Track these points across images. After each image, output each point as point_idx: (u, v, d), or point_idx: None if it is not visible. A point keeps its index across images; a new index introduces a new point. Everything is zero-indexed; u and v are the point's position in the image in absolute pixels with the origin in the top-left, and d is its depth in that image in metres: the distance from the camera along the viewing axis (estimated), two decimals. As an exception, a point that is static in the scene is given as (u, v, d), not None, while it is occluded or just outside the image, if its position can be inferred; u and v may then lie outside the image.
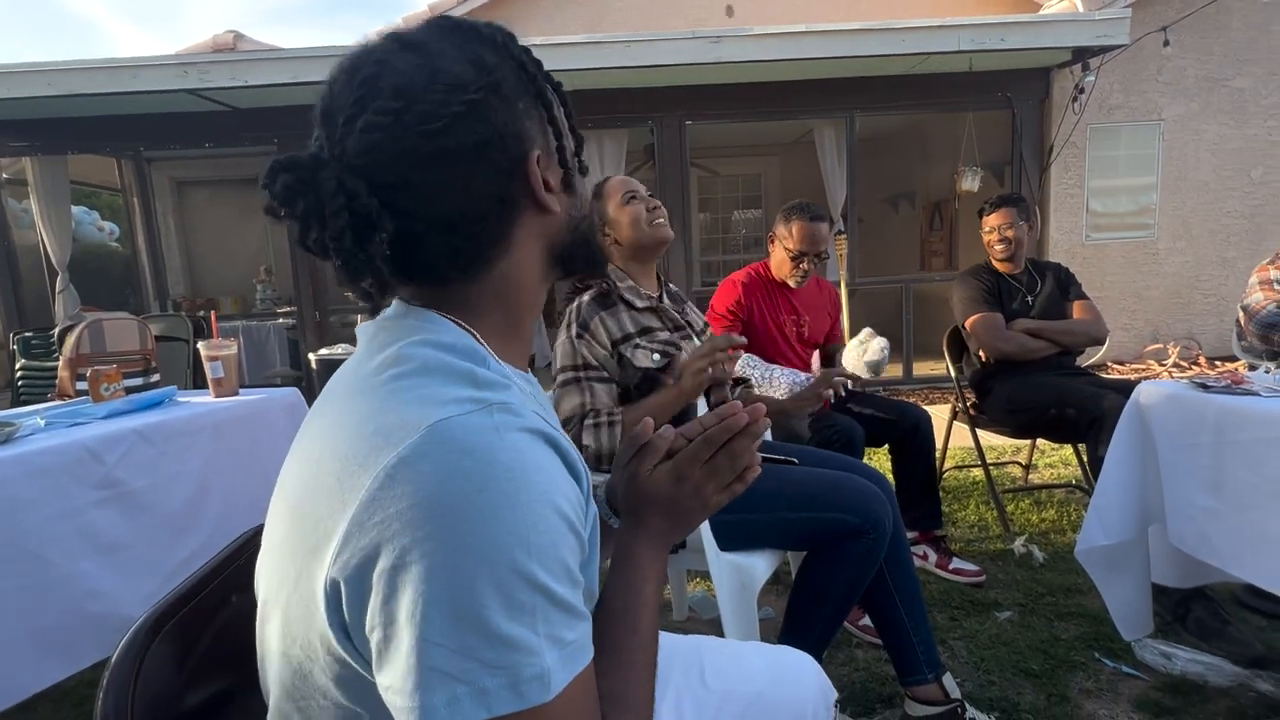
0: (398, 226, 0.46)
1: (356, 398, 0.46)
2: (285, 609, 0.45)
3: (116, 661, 0.49)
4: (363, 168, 0.46)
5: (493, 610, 0.38)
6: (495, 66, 0.49)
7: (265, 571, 0.49)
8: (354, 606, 0.40)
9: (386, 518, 0.39)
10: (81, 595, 1.21)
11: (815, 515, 1.24)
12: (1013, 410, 2.17)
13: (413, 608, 0.38)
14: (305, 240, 0.46)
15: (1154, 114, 4.99)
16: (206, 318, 2.35)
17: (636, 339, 1.35)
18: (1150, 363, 4.99)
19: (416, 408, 0.43)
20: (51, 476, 1.20)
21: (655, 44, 4.18)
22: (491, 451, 0.41)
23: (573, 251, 0.56)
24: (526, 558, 0.39)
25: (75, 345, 1.77)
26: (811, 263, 2.01)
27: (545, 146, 0.52)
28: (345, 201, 0.45)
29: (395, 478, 0.40)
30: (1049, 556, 2.02)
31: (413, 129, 0.46)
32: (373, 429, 0.42)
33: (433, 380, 0.45)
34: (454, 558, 0.38)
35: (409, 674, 0.38)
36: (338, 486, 0.42)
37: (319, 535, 0.42)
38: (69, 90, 4.07)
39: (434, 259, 0.49)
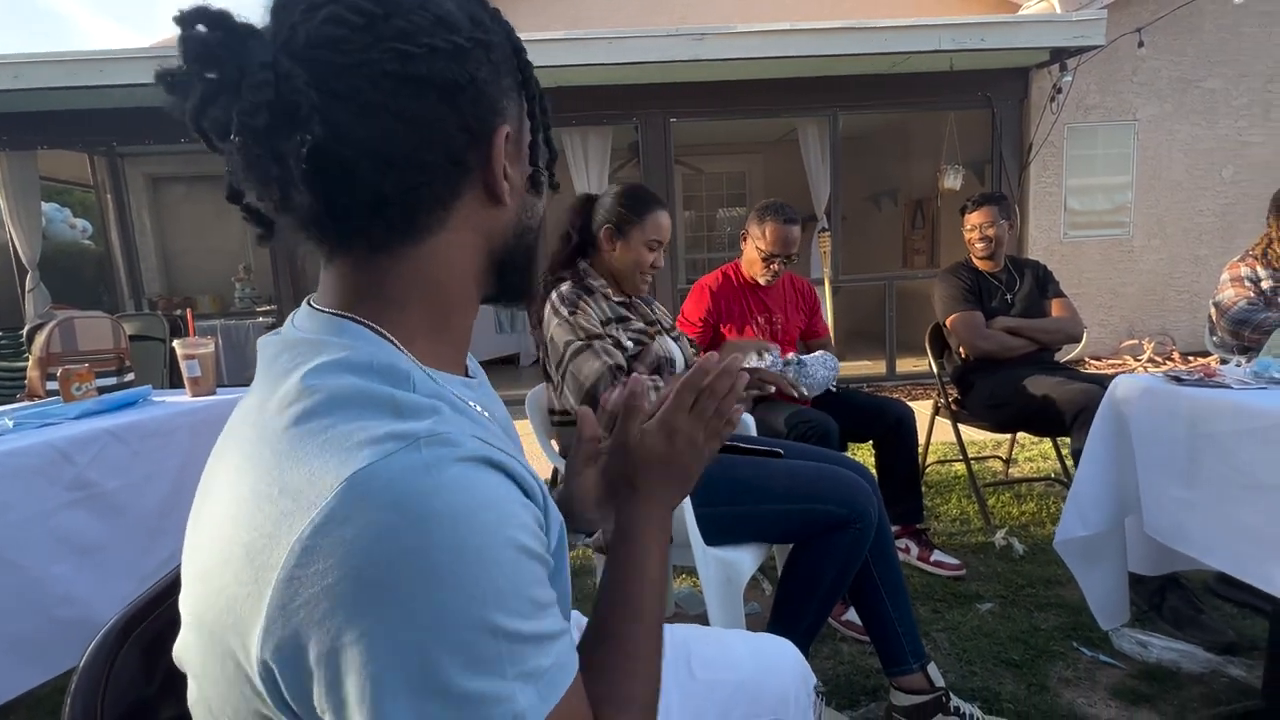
0: (325, 140, 0.38)
1: (257, 445, 0.39)
2: (211, 685, 0.40)
3: (85, 666, 0.48)
4: (309, 60, 0.38)
5: (452, 674, 0.34)
6: (491, 30, 0.45)
7: (186, 636, 0.43)
8: (295, 690, 0.35)
9: (310, 598, 0.33)
10: (54, 600, 1.18)
11: (802, 507, 1.25)
12: (994, 405, 2.20)
13: (361, 693, 0.33)
14: (200, 117, 0.38)
15: (1129, 114, 5.08)
16: (183, 316, 2.30)
17: (615, 325, 1.39)
18: (1126, 358, 5.09)
19: (327, 456, 0.36)
20: (21, 478, 1.16)
21: (638, 40, 4.18)
22: (426, 500, 0.35)
23: (511, 262, 0.49)
24: (484, 610, 0.35)
25: (45, 344, 1.72)
26: (782, 263, 2.03)
27: (517, 132, 0.47)
28: (273, 79, 0.37)
29: (313, 550, 0.34)
30: (1029, 549, 2.05)
31: (385, 40, 0.39)
32: (279, 489, 0.36)
33: (345, 416, 0.38)
34: (398, 633, 0.33)
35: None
36: (248, 563, 0.36)
37: (236, 616, 0.36)
38: (38, 83, 3.96)
39: (357, 201, 0.41)
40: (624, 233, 1.43)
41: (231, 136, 0.38)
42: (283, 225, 0.44)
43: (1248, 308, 2.13)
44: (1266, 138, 5.14)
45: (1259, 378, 1.25)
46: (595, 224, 1.45)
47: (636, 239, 1.43)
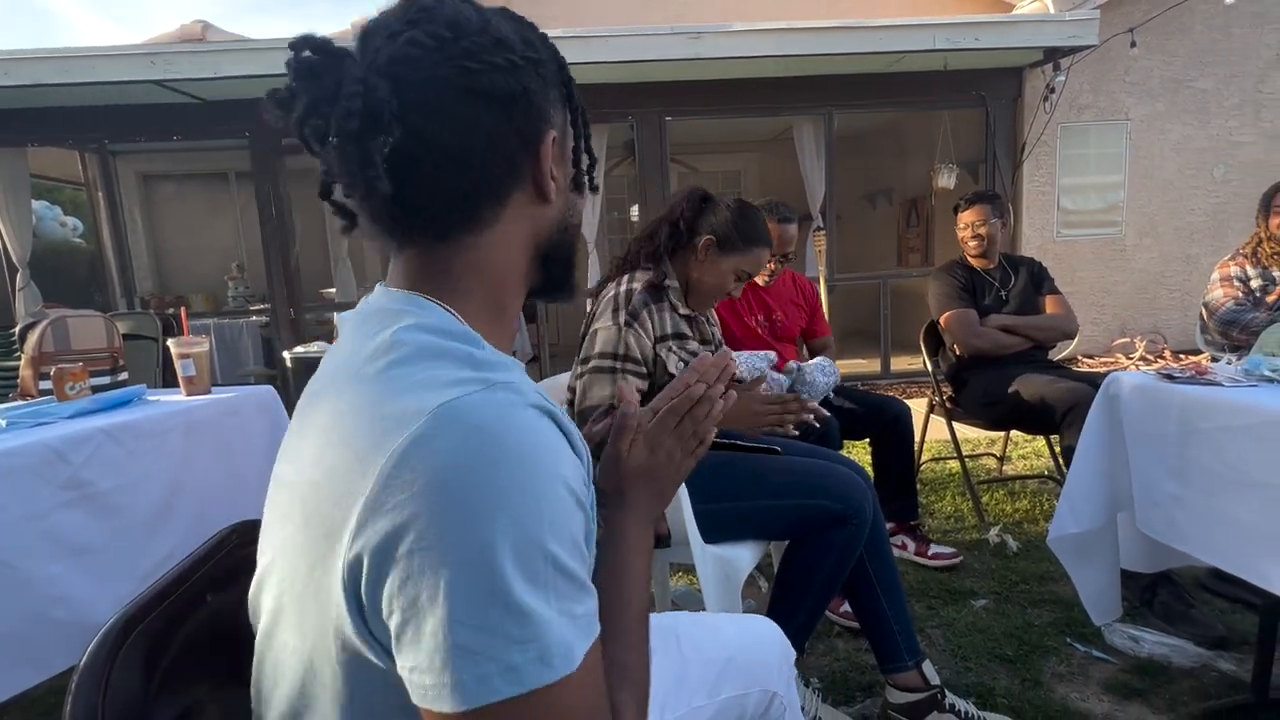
0: (402, 141, 0.46)
1: (355, 388, 0.45)
2: (299, 605, 0.45)
3: (85, 665, 0.48)
4: (390, 75, 0.46)
5: (514, 585, 0.39)
6: (540, 49, 0.52)
7: (275, 576, 0.47)
8: (372, 588, 0.40)
9: (401, 500, 0.39)
10: (49, 600, 1.18)
11: (799, 503, 1.26)
12: (988, 403, 2.21)
13: (435, 588, 0.38)
14: (304, 124, 0.46)
15: (1121, 114, 5.12)
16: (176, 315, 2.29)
17: (672, 342, 1.34)
18: (1118, 356, 5.13)
19: (421, 392, 0.43)
20: (14, 478, 1.16)
21: (635, 39, 4.17)
22: (501, 428, 0.41)
23: (554, 255, 0.56)
24: (540, 531, 0.40)
25: (38, 343, 1.71)
26: (779, 263, 2.02)
27: (562, 138, 0.54)
28: (363, 91, 0.45)
29: (408, 459, 0.40)
30: (1022, 545, 2.07)
31: (454, 59, 0.47)
32: (380, 415, 0.42)
33: (433, 364, 0.45)
34: (472, 535, 0.39)
35: (436, 652, 0.38)
36: (348, 474, 0.41)
37: (333, 523, 0.41)
38: (28, 80, 3.92)
39: (427, 192, 0.49)
40: (724, 251, 1.37)
41: (330, 139, 0.46)
42: (363, 217, 0.51)
43: (1235, 309, 2.15)
44: (1257, 137, 5.18)
45: (1249, 375, 1.27)
46: (700, 227, 1.38)
47: (733, 263, 1.37)
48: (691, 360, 1.36)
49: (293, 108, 0.46)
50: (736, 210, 1.41)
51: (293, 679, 0.46)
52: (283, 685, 0.47)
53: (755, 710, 0.75)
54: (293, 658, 0.46)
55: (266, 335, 5.17)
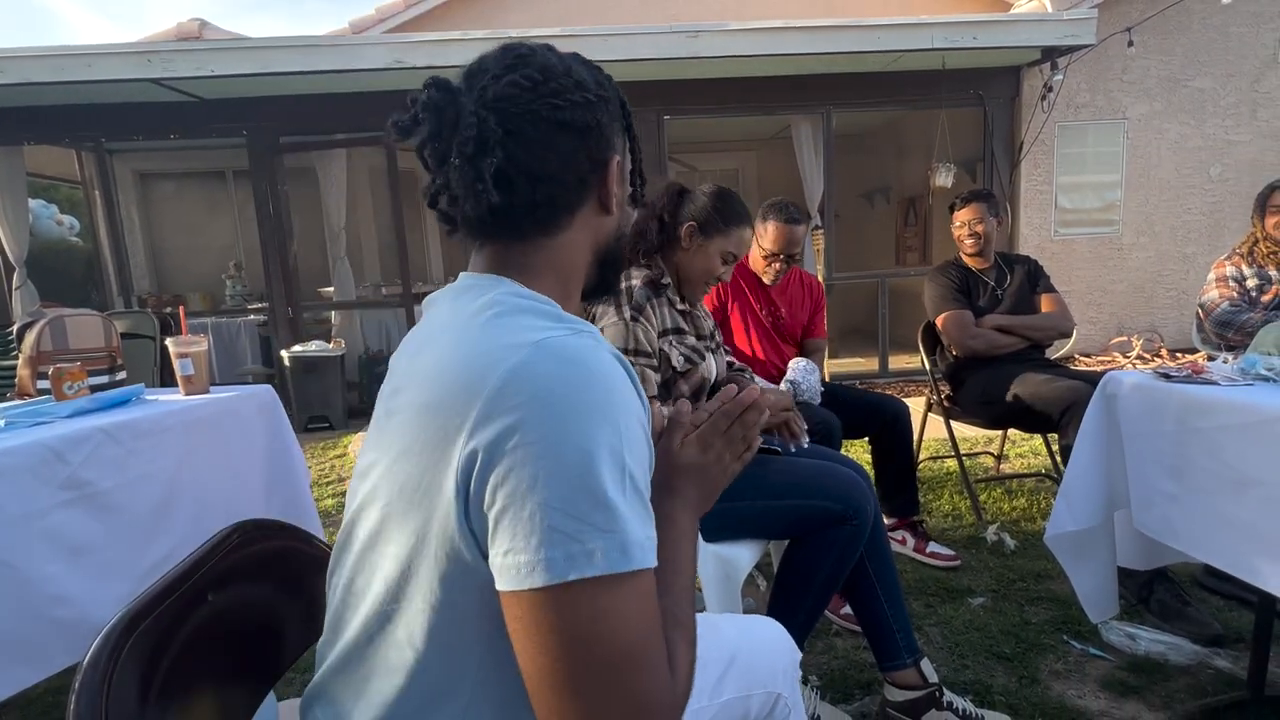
0: (503, 162, 0.56)
1: (461, 334, 0.54)
2: (406, 512, 0.50)
3: (88, 664, 0.48)
4: (497, 109, 0.56)
5: (599, 481, 0.45)
6: (609, 89, 0.63)
7: (380, 496, 0.53)
8: (481, 479, 0.46)
9: (508, 408, 0.46)
10: (49, 599, 1.17)
11: (800, 502, 1.26)
12: (985, 402, 2.22)
13: (534, 478, 0.44)
14: (425, 148, 0.58)
15: (1119, 113, 5.13)
16: (174, 314, 2.29)
17: (672, 336, 1.35)
18: (1115, 355, 5.14)
19: (523, 333, 0.51)
20: (13, 478, 1.16)
21: (632, 37, 4.17)
22: (591, 361, 0.49)
23: (609, 259, 0.66)
24: (621, 445, 0.47)
25: (36, 343, 1.70)
26: (784, 263, 2.02)
27: (623, 161, 0.64)
28: (477, 123, 0.56)
29: (516, 376, 0.47)
30: (1020, 544, 2.08)
31: (544, 96, 0.57)
32: (489, 347, 0.51)
33: (527, 316, 0.54)
34: (569, 437, 0.45)
35: (531, 534, 0.44)
36: (463, 392, 0.48)
37: (447, 431, 0.48)
38: (24, 78, 3.91)
39: (518, 203, 0.58)
40: (707, 234, 1.38)
41: (451, 159, 0.57)
42: (463, 220, 0.60)
43: (1230, 310, 2.16)
44: (1253, 137, 5.20)
45: (1245, 374, 1.27)
46: (681, 217, 1.39)
47: (717, 245, 1.38)
48: (692, 355, 1.37)
49: (413, 134, 0.58)
50: (714, 195, 1.42)
51: (388, 581, 0.51)
52: (376, 586, 0.52)
53: (759, 713, 0.75)
54: (391, 563, 0.51)
55: (265, 334, 5.16)
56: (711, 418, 0.67)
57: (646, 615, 0.47)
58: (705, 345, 1.43)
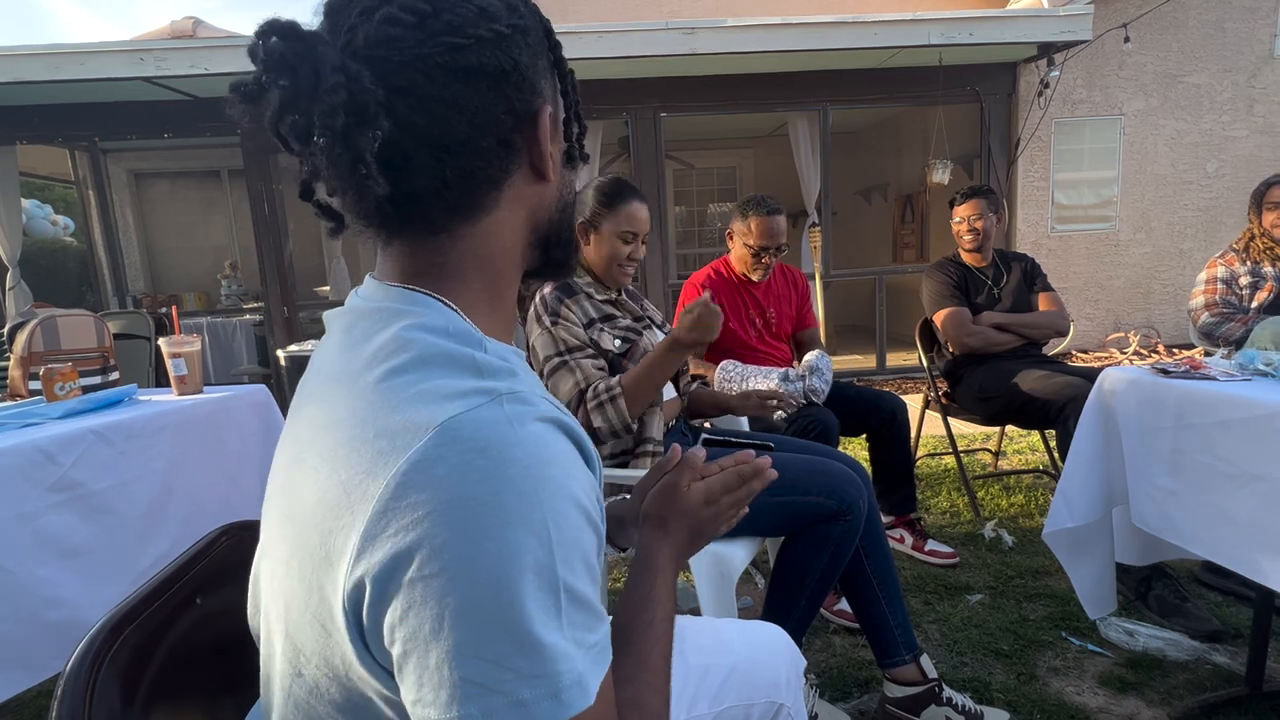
0: (391, 134, 0.42)
1: (350, 398, 0.42)
2: (296, 627, 0.43)
3: (72, 668, 0.47)
4: (371, 59, 0.41)
5: (522, 615, 0.36)
6: (526, 16, 0.47)
7: (270, 591, 0.46)
8: (374, 614, 0.38)
9: (402, 527, 0.37)
10: (41, 602, 1.17)
11: (792, 499, 1.26)
12: (983, 398, 2.21)
13: (439, 619, 0.36)
14: (280, 122, 0.42)
15: (1115, 109, 5.13)
16: (168, 314, 2.27)
17: (600, 324, 1.38)
18: (1112, 351, 5.15)
19: (421, 406, 0.40)
20: (3, 480, 1.14)
21: (629, 34, 4.15)
22: (507, 448, 0.38)
23: (553, 236, 0.53)
24: (550, 558, 0.38)
25: (27, 343, 1.69)
26: (773, 256, 2.01)
27: (554, 111, 0.50)
28: (344, 81, 0.40)
29: (408, 485, 0.37)
30: (1018, 540, 2.08)
31: (436, 36, 0.42)
32: (375, 432, 0.40)
33: (433, 372, 0.42)
34: (477, 564, 0.36)
35: (440, 687, 0.36)
36: (345, 498, 0.39)
37: (329, 549, 0.39)
38: (16, 77, 3.88)
39: (421, 186, 0.45)
40: (596, 226, 1.43)
41: (315, 139, 0.41)
42: (349, 215, 0.47)
43: (1210, 321, 2.19)
44: (1250, 132, 5.20)
45: (1243, 369, 1.27)
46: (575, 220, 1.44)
47: (609, 231, 1.42)
48: (628, 335, 1.39)
49: (263, 102, 0.41)
50: (595, 188, 1.46)
51: (295, 696, 0.44)
52: (279, 703, 0.46)
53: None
54: (291, 680, 0.44)
55: (260, 334, 5.14)
56: (724, 473, 0.64)
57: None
58: (642, 325, 1.47)
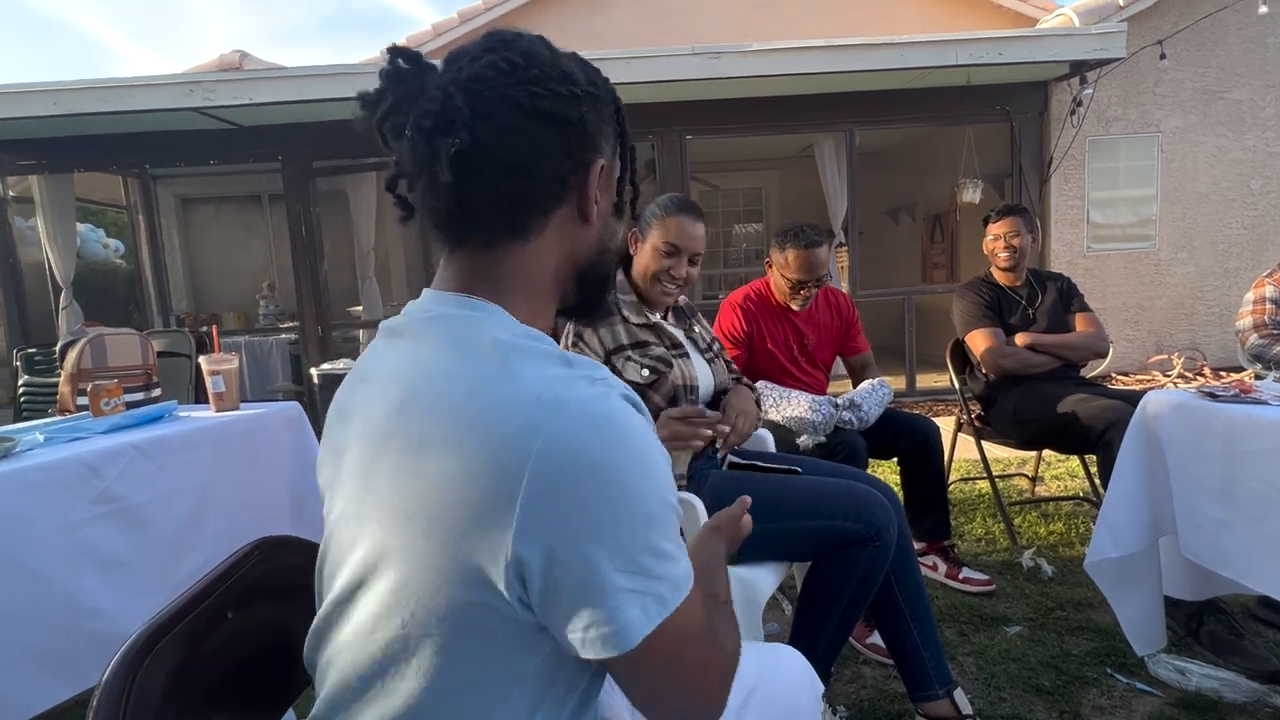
0: (468, 144, 0.51)
1: (470, 387, 0.49)
2: (407, 575, 0.48)
3: (108, 680, 0.48)
4: (467, 89, 0.51)
5: (654, 535, 0.47)
6: (600, 89, 0.58)
7: (371, 540, 0.50)
8: (545, 575, 0.46)
9: (548, 489, 0.45)
10: (81, 613, 1.20)
11: (819, 523, 1.23)
12: (1019, 422, 2.15)
13: (592, 563, 0.45)
14: (385, 120, 0.53)
15: (1152, 126, 5.02)
16: (209, 333, 2.35)
17: (629, 351, 1.34)
18: (1154, 373, 4.97)
19: (541, 389, 0.48)
20: (49, 492, 1.19)
21: (654, 60, 4.23)
22: (615, 417, 0.48)
23: (590, 275, 0.61)
24: (664, 494, 0.48)
25: (77, 360, 1.76)
26: (811, 289, 1.96)
27: (609, 168, 0.59)
28: (441, 98, 0.51)
29: (554, 452, 0.45)
30: (1058, 570, 1.99)
31: (524, 83, 0.52)
32: (507, 415, 0.47)
33: (539, 364, 0.50)
34: (617, 506, 0.46)
35: (606, 601, 0.46)
36: (498, 461, 0.46)
37: (487, 508, 0.46)
38: (77, 109, 4.11)
39: (482, 198, 0.54)
40: (643, 235, 1.40)
41: (406, 133, 0.52)
42: (422, 214, 0.55)
43: (1259, 343, 2.11)
44: (1296, 148, 5.04)
45: (1298, 394, 1.21)
46: None
47: (651, 241, 1.38)
48: (658, 365, 1.34)
49: (378, 107, 0.53)
50: (655, 199, 1.45)
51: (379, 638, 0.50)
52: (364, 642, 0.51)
53: None
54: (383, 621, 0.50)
55: (295, 352, 5.28)
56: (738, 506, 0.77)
57: (700, 619, 0.51)
58: (677, 354, 1.40)
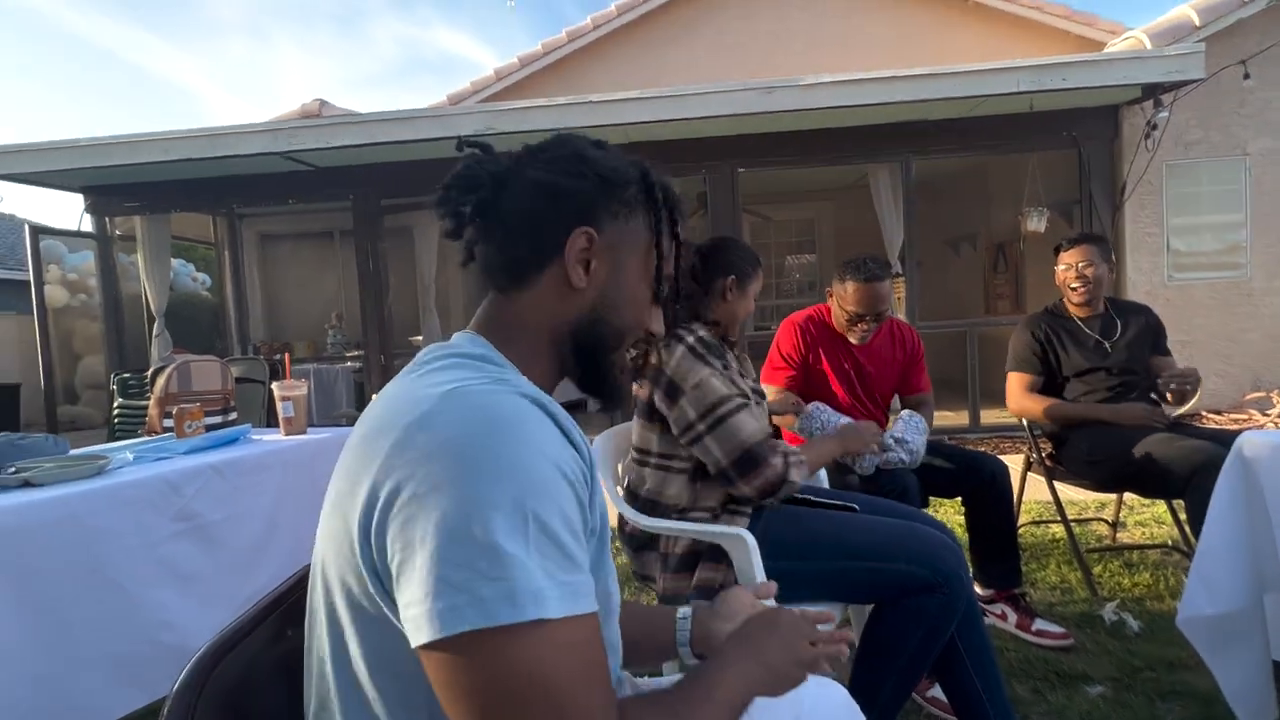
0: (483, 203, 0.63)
1: (388, 396, 0.56)
2: (332, 558, 0.51)
3: (177, 691, 0.50)
4: (506, 168, 0.64)
5: (493, 529, 0.44)
6: (623, 175, 0.64)
7: (320, 545, 0.55)
8: (379, 534, 0.47)
9: (407, 460, 0.47)
10: (158, 624, 1.27)
11: (880, 566, 1.17)
12: (1092, 462, 2.01)
13: (426, 530, 0.44)
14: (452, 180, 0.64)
15: (1237, 149, 4.72)
16: (281, 361, 2.49)
17: None
18: (1251, 412, 4.57)
19: (435, 386, 0.52)
20: (136, 508, 1.27)
21: (707, 97, 4.30)
22: (494, 406, 0.49)
23: (582, 344, 0.64)
24: (524, 493, 0.45)
25: (165, 385, 1.90)
26: (870, 323, 1.90)
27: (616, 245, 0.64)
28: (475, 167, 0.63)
29: (415, 429, 0.48)
30: (1145, 626, 1.83)
31: (539, 160, 0.64)
32: (399, 404, 0.52)
33: (454, 371, 0.55)
34: (464, 488, 0.45)
35: (422, 584, 0.44)
36: (369, 446, 0.50)
37: (352, 484, 0.49)
38: (182, 155, 4.52)
39: (491, 249, 0.64)
40: (743, 285, 1.44)
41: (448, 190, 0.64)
42: (478, 266, 0.65)
43: None
44: (1407, 169, 4.63)
45: None
46: (712, 273, 1.44)
47: (752, 290, 1.46)
48: None
49: None
50: (736, 246, 1.48)
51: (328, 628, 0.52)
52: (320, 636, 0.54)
53: None
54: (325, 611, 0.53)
55: (359, 380, 5.52)
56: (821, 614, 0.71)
57: (570, 670, 0.44)
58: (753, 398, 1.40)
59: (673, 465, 1.31)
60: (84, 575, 1.17)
